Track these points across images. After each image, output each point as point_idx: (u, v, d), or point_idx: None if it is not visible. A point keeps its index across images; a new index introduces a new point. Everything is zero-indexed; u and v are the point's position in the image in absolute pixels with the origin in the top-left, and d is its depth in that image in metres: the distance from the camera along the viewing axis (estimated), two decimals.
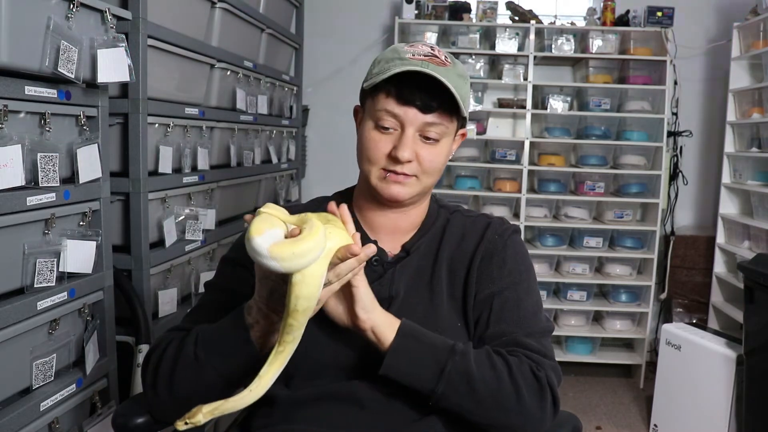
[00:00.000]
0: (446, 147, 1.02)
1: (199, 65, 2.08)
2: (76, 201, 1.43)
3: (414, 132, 0.98)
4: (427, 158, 0.99)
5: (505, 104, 3.26)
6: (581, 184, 3.17)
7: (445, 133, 1.01)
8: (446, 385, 0.91)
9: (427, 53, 0.98)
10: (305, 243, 0.77)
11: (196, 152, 2.07)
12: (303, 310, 0.80)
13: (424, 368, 0.91)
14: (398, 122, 0.98)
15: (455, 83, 0.97)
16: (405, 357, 0.91)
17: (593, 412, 2.85)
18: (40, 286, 1.31)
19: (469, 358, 0.92)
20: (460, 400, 0.92)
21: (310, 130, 3.45)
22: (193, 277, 2.07)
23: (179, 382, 0.94)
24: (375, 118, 1.00)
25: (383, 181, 1.01)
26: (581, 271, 3.17)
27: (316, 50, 3.36)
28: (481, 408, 0.92)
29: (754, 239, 2.87)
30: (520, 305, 1.02)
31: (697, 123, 3.40)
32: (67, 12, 1.32)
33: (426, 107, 0.97)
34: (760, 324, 2.07)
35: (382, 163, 1.00)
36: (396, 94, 0.97)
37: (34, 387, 1.32)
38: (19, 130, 1.25)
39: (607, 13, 3.08)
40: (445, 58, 0.99)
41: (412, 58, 0.97)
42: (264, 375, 0.81)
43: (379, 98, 0.99)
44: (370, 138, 1.00)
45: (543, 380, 0.94)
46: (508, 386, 0.92)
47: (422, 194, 1.05)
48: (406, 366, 0.91)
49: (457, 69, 1.00)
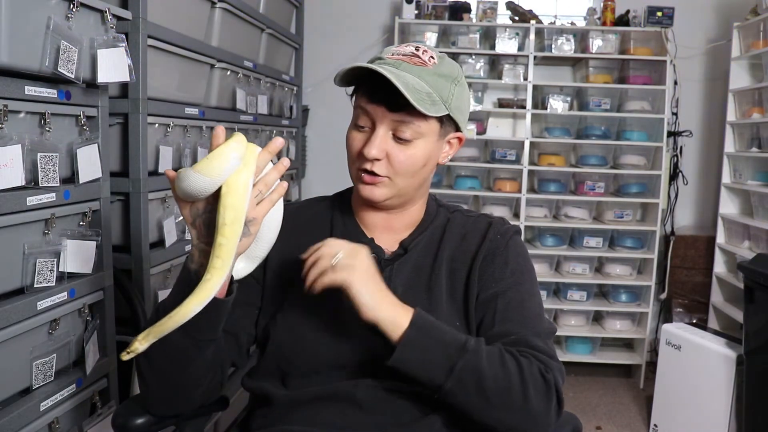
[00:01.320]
0: (423, 149, 1.00)
1: (199, 65, 2.08)
2: (76, 201, 1.42)
3: (386, 131, 0.98)
4: (398, 158, 0.99)
5: (505, 104, 3.26)
6: (581, 184, 3.17)
7: (420, 134, 0.99)
8: (455, 382, 0.89)
9: (408, 53, 0.99)
10: (216, 150, 0.82)
11: (196, 152, 2.06)
12: (231, 222, 0.82)
13: (434, 363, 0.90)
14: (370, 120, 0.99)
15: (431, 82, 0.97)
16: (415, 350, 0.89)
17: (593, 412, 2.85)
18: (40, 286, 1.31)
19: (481, 355, 0.91)
20: (467, 397, 0.91)
21: (310, 130, 3.45)
22: None
23: (154, 357, 0.93)
24: (354, 116, 1.02)
25: (359, 181, 1.02)
26: (581, 271, 3.17)
27: (316, 50, 3.36)
28: (488, 406, 0.91)
29: (754, 239, 2.87)
30: (524, 306, 1.02)
31: (697, 123, 3.40)
32: (67, 12, 1.32)
33: (394, 105, 0.96)
34: (760, 324, 2.07)
35: (358, 163, 1.01)
36: (367, 92, 0.98)
37: (34, 387, 1.32)
38: (19, 130, 1.25)
39: (607, 13, 3.08)
40: (429, 58, 0.99)
41: (390, 57, 0.98)
42: (186, 304, 0.82)
43: (357, 96, 1.01)
44: (349, 136, 1.03)
45: (551, 382, 0.94)
46: (518, 386, 0.91)
47: (402, 197, 1.04)
48: (415, 360, 0.90)
49: (440, 69, 0.99)
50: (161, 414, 1.02)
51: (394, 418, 0.99)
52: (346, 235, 1.06)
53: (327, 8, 3.41)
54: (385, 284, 0.95)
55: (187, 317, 0.82)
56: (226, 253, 0.82)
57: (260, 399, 1.06)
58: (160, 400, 1.00)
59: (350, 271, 0.89)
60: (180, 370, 0.94)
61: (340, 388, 0.99)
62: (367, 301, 0.89)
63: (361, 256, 0.91)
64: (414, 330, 0.89)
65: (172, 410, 1.04)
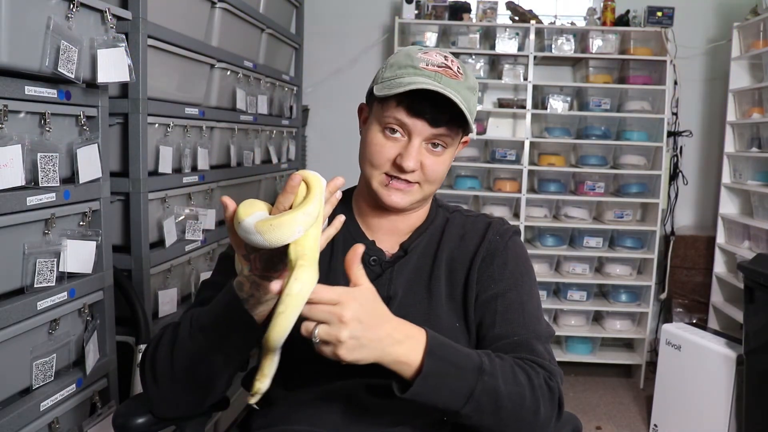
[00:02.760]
0: (450, 156, 1.03)
1: (199, 65, 2.08)
2: (76, 201, 1.42)
3: (420, 142, 0.99)
4: (431, 167, 1.00)
5: (505, 104, 3.26)
6: (581, 184, 3.17)
7: (452, 143, 1.02)
8: (473, 406, 0.86)
9: (441, 63, 0.98)
10: (285, 219, 0.80)
11: (196, 152, 2.07)
12: (297, 293, 0.76)
13: (454, 391, 0.85)
14: (406, 131, 0.99)
15: (465, 97, 0.97)
16: (433, 382, 0.84)
17: (593, 412, 2.85)
18: (40, 286, 1.31)
19: (497, 376, 0.88)
20: (481, 418, 0.88)
21: (310, 130, 3.45)
22: (193, 277, 2.07)
23: (179, 367, 0.93)
24: (383, 123, 1.00)
25: (385, 187, 1.01)
26: (581, 271, 3.17)
27: (316, 50, 3.36)
28: (501, 423, 0.89)
29: (754, 239, 2.87)
30: (525, 307, 1.02)
31: (697, 123, 3.40)
32: (67, 12, 1.32)
33: (435, 121, 0.97)
34: (760, 324, 2.07)
35: (386, 168, 1.00)
36: (407, 106, 0.97)
37: (34, 387, 1.32)
38: (19, 130, 1.25)
39: (607, 13, 3.08)
40: (458, 70, 0.99)
41: (425, 67, 0.97)
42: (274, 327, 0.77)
43: (389, 105, 0.98)
44: (376, 142, 1.00)
45: (555, 390, 0.94)
46: (529, 401, 0.90)
47: (425, 201, 1.06)
48: (433, 391, 0.84)
49: (468, 82, 1.00)
50: (165, 416, 1.02)
51: (394, 418, 0.99)
52: (348, 237, 1.06)
53: (327, 8, 3.41)
54: (387, 286, 0.93)
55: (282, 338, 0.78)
56: (290, 315, 0.76)
57: (261, 399, 1.06)
58: (170, 405, 1.00)
59: (336, 347, 0.78)
60: (204, 376, 0.95)
61: (340, 389, 0.99)
62: (367, 359, 0.81)
63: (348, 315, 0.77)
64: (431, 360, 0.83)
65: (179, 414, 1.04)
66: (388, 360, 0.82)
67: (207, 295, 1.07)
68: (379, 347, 0.80)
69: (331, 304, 0.77)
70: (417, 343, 0.84)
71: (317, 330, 0.77)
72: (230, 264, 1.07)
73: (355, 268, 0.82)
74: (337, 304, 0.77)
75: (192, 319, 0.93)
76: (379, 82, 1.00)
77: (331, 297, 0.77)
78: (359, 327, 0.78)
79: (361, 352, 0.79)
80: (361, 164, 1.04)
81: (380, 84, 1.00)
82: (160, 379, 0.95)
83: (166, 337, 0.96)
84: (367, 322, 0.79)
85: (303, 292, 0.75)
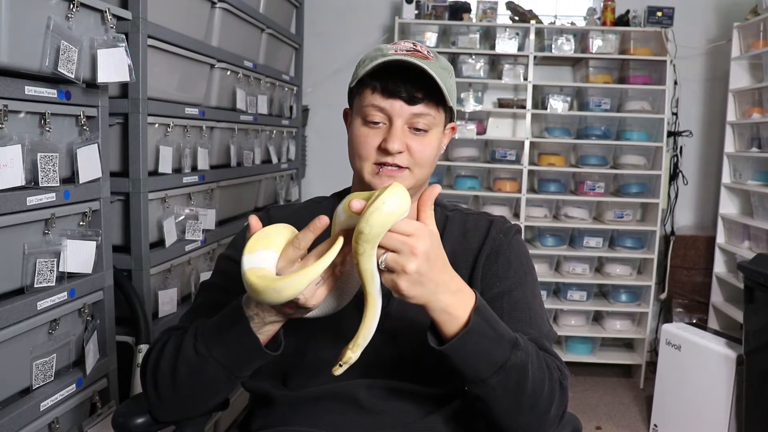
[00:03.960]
0: (436, 138, 1.02)
1: (199, 65, 2.08)
2: (76, 201, 1.42)
3: (402, 124, 0.99)
4: (417, 149, 0.99)
5: (505, 104, 3.26)
6: (581, 184, 3.17)
7: (434, 123, 1.01)
8: (500, 378, 0.85)
9: (409, 48, 0.99)
10: (289, 283, 0.76)
11: (196, 152, 2.07)
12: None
13: (490, 355, 0.85)
14: (386, 116, 0.99)
15: (439, 74, 0.97)
16: (474, 340, 0.83)
17: (593, 412, 2.85)
18: (40, 286, 1.31)
19: (529, 353, 0.88)
20: (503, 395, 0.87)
21: (310, 130, 3.45)
22: (193, 277, 2.07)
23: (182, 379, 0.93)
24: (363, 114, 1.00)
25: (376, 176, 1.01)
26: (581, 271, 3.17)
27: (316, 50, 3.36)
28: (516, 408, 0.89)
29: (754, 239, 2.87)
30: (531, 306, 1.02)
31: (697, 123, 3.40)
32: (67, 12, 1.32)
33: (412, 98, 0.97)
34: (760, 324, 2.07)
35: (373, 158, 1.00)
36: (381, 88, 0.98)
37: (34, 387, 1.32)
38: (19, 130, 1.25)
39: (607, 13, 3.08)
40: (427, 52, 1.00)
41: (395, 53, 0.98)
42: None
43: (365, 94, 1.00)
44: (360, 134, 1.01)
45: (566, 390, 0.94)
46: (547, 394, 0.90)
47: (417, 187, 1.05)
48: (472, 350, 0.84)
49: (440, 62, 1.01)
50: (164, 420, 1.02)
51: (394, 419, 0.98)
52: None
53: (327, 8, 3.41)
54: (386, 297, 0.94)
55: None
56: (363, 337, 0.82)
57: (261, 399, 1.06)
58: (169, 410, 0.99)
59: (398, 277, 0.79)
60: (206, 389, 0.95)
61: (340, 389, 0.99)
62: (420, 299, 0.82)
63: (420, 249, 0.78)
64: (477, 318, 0.84)
65: (178, 418, 1.04)
66: (437, 306, 0.82)
67: (207, 297, 1.07)
68: (434, 291, 0.81)
69: (406, 235, 0.78)
70: (467, 298, 0.85)
71: (385, 256, 0.78)
72: (228, 266, 1.07)
73: (427, 210, 0.83)
74: (411, 236, 0.78)
75: (197, 332, 0.93)
76: (354, 79, 1.02)
77: (407, 229, 0.78)
78: (426, 264, 0.79)
79: (418, 290, 0.80)
80: (351, 161, 1.04)
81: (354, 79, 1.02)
82: (161, 387, 0.95)
83: (170, 346, 0.95)
84: (433, 261, 0.80)
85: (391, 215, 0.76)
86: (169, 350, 0.95)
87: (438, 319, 0.84)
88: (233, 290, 1.01)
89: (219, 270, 1.09)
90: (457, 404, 1.02)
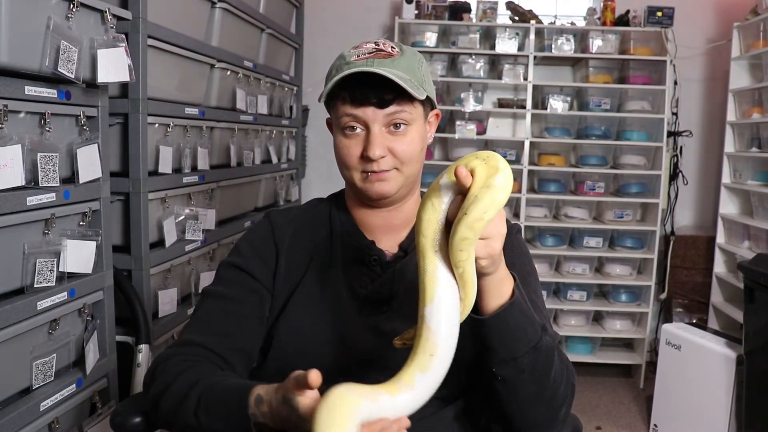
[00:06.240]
0: (417, 132, 1.01)
1: (199, 65, 2.08)
2: (76, 201, 1.42)
3: (380, 127, 0.98)
4: (400, 149, 0.99)
5: (505, 104, 3.26)
6: (581, 184, 3.17)
7: (412, 118, 1.00)
8: (532, 358, 0.86)
9: (371, 50, 0.98)
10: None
11: (196, 152, 2.06)
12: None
13: (525, 334, 0.86)
14: (362, 123, 0.99)
15: (405, 69, 0.97)
16: (516, 314, 0.85)
17: (593, 412, 2.85)
18: (40, 286, 1.31)
19: (557, 339, 0.91)
20: (529, 379, 0.88)
21: (310, 130, 3.45)
22: (193, 277, 2.07)
23: (178, 425, 0.93)
24: (340, 125, 1.00)
25: (366, 181, 1.01)
26: (581, 271, 3.17)
27: (316, 50, 3.36)
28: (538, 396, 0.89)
29: (754, 239, 2.87)
30: (536, 305, 1.01)
31: (697, 123, 3.40)
32: (67, 12, 1.32)
33: (382, 102, 0.96)
34: (760, 324, 2.07)
35: (359, 166, 1.00)
36: (350, 99, 0.97)
37: (34, 387, 1.32)
38: (19, 130, 1.25)
39: (607, 13, 3.08)
40: (392, 49, 0.99)
41: (356, 59, 0.97)
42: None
43: (337, 106, 1.00)
44: (341, 145, 1.01)
45: (574, 389, 0.95)
46: (564, 388, 0.91)
47: (408, 185, 1.04)
48: (513, 322, 0.85)
49: (405, 55, 0.99)
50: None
51: None
52: (347, 237, 1.06)
53: (327, 8, 3.41)
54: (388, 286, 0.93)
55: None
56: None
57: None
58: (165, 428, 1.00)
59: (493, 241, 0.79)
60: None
61: None
62: (488, 270, 0.83)
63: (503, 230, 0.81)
64: (520, 294, 0.86)
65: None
66: (496, 277, 0.84)
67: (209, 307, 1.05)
68: (499, 261, 0.83)
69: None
70: (510, 278, 0.87)
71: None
72: (231, 273, 1.06)
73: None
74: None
75: (201, 397, 0.90)
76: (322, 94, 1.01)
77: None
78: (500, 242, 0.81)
79: (494, 266, 0.82)
80: (340, 171, 1.04)
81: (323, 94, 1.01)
82: (161, 419, 0.96)
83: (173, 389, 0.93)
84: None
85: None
86: (171, 395, 0.93)
87: (493, 291, 0.85)
88: (240, 299, 1.01)
89: (222, 277, 1.08)
90: (459, 404, 1.02)
